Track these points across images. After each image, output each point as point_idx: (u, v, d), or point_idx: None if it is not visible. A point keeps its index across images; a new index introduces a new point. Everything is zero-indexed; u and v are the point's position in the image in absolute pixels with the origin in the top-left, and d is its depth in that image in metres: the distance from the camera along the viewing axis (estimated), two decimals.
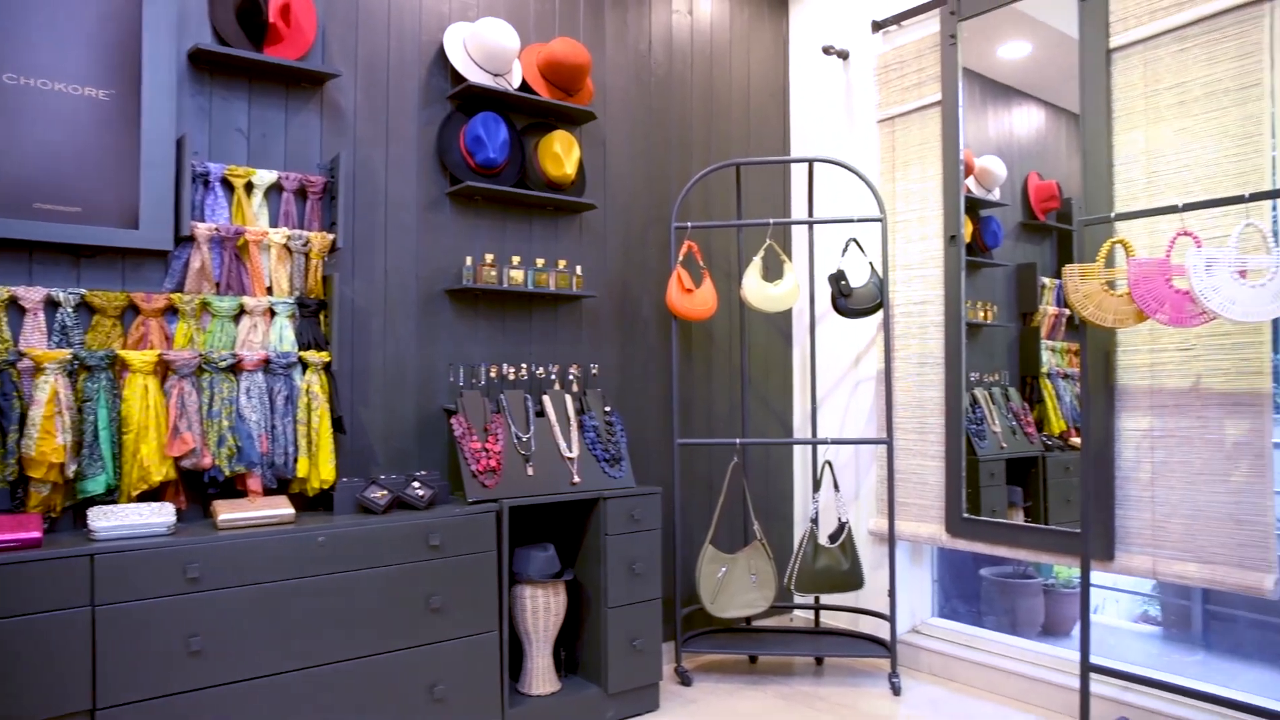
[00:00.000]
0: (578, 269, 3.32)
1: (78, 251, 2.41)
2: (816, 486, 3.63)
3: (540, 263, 3.30)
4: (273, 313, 2.66)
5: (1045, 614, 3.86)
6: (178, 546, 2.19)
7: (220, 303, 2.56)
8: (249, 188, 2.67)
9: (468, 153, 3.09)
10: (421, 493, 2.70)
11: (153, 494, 2.44)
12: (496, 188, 3.07)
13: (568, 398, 3.17)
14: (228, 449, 2.50)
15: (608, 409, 3.22)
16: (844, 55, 3.91)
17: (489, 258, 3.10)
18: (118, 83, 2.43)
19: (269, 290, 2.67)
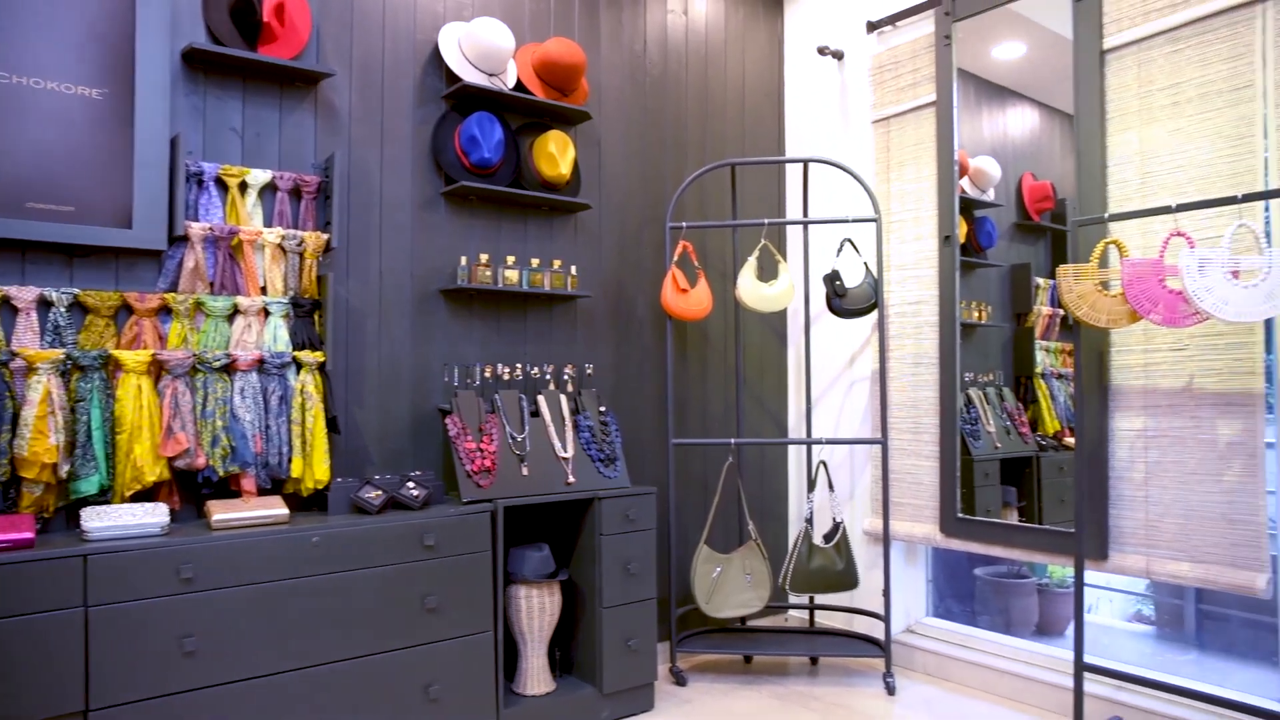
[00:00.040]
0: (573, 269, 3.32)
1: (71, 251, 2.41)
2: (811, 486, 3.63)
3: (535, 263, 3.30)
4: (267, 313, 2.65)
5: (1039, 614, 3.87)
6: (171, 547, 2.19)
7: (214, 302, 2.55)
8: (243, 187, 2.66)
9: (463, 152, 3.09)
10: (416, 493, 2.70)
11: (146, 494, 2.44)
12: (491, 188, 3.07)
13: (563, 398, 3.17)
14: (222, 449, 2.49)
15: (603, 409, 3.22)
16: (839, 55, 3.91)
17: (484, 258, 3.10)
18: (111, 82, 2.42)
19: (263, 290, 2.67)
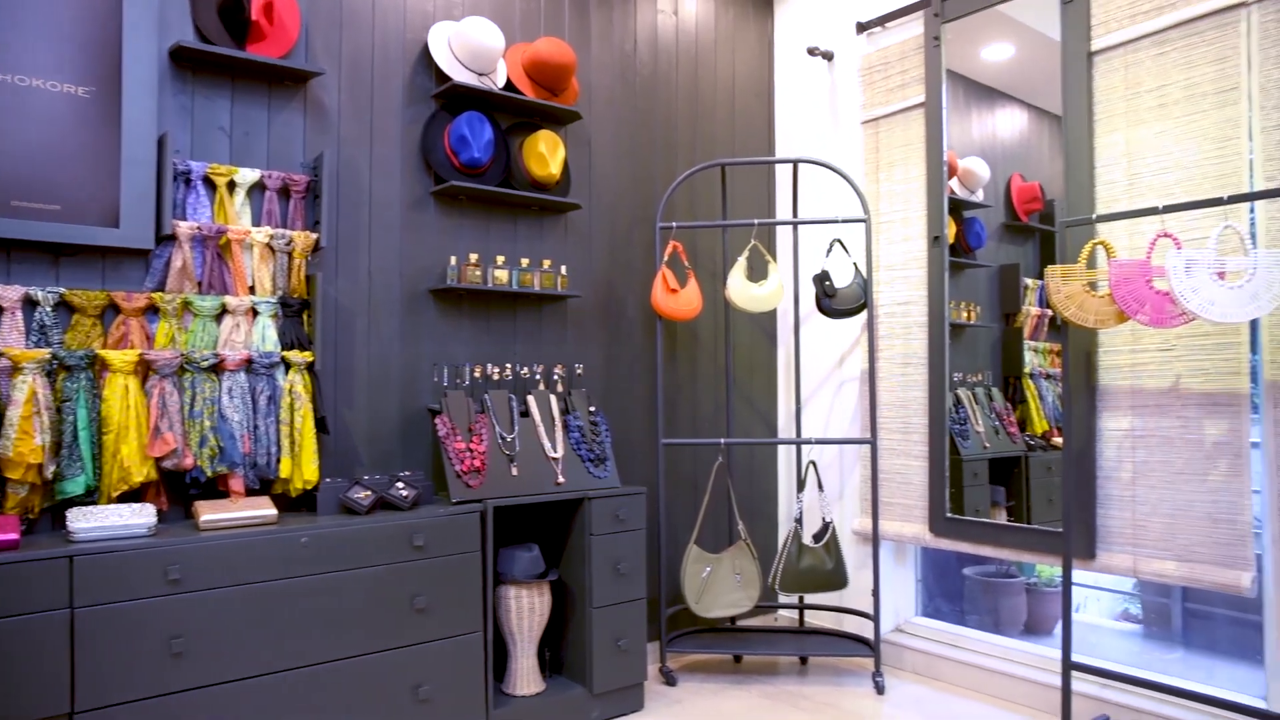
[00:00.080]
0: (562, 269, 3.32)
1: (57, 250, 2.39)
2: (801, 486, 3.64)
3: (525, 262, 3.29)
4: (255, 312, 2.64)
5: (1028, 613, 3.88)
6: (158, 548, 2.17)
7: (202, 302, 2.54)
8: (231, 186, 2.65)
9: (452, 152, 3.08)
10: (405, 493, 2.69)
11: (133, 495, 2.42)
12: (481, 187, 3.07)
13: (552, 398, 3.16)
14: (209, 449, 2.48)
15: (592, 409, 3.22)
16: (829, 56, 3.92)
17: (473, 257, 3.09)
18: (98, 80, 2.40)
19: (251, 290, 2.66)
